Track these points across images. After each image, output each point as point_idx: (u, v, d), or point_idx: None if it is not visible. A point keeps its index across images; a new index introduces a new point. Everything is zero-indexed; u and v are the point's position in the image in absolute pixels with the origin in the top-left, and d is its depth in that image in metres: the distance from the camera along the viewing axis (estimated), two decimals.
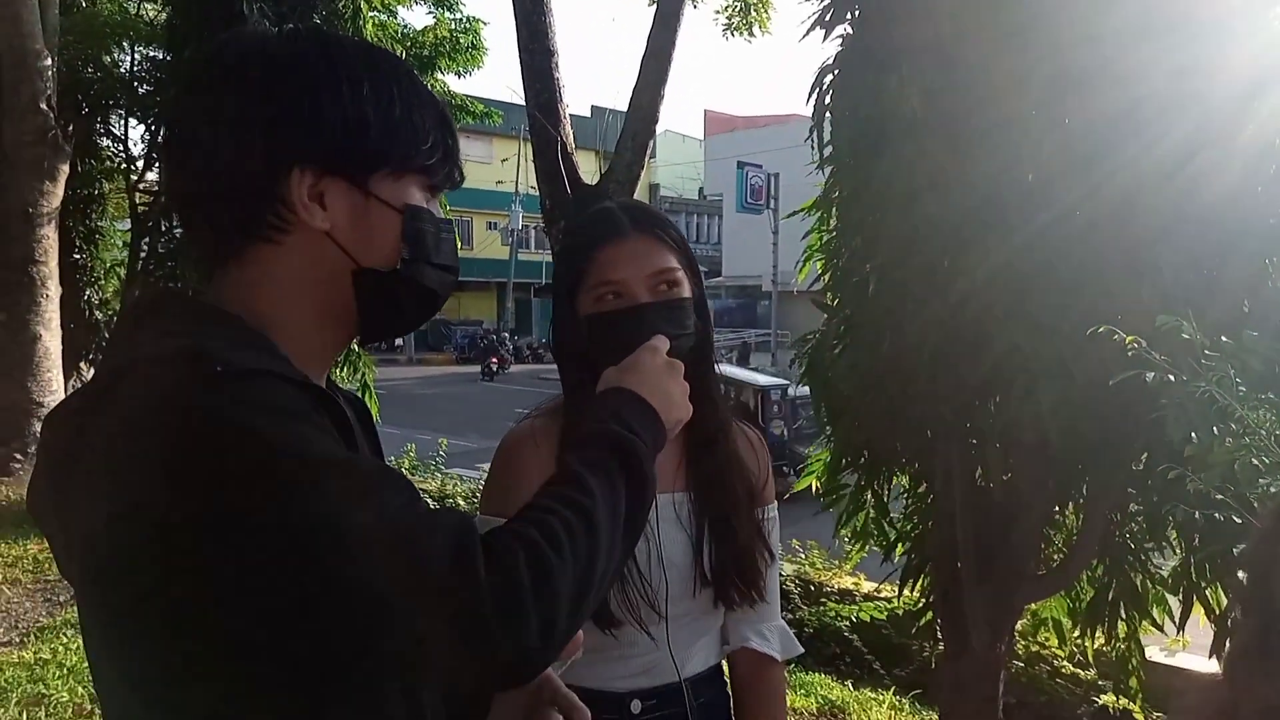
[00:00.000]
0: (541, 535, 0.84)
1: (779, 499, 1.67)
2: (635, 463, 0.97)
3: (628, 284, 1.42)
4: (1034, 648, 4.40)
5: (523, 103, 4.88)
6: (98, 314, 11.21)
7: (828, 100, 2.63)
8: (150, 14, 11.14)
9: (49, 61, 8.27)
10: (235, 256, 0.95)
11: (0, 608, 5.41)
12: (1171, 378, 1.72)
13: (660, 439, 1.05)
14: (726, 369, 11.67)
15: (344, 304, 0.98)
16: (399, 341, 33.75)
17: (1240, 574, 1.71)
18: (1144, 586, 2.70)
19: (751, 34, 7.62)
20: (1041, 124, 2.27)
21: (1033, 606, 3.28)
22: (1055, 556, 2.99)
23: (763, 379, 12.70)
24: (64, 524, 0.87)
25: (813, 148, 2.78)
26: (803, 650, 1.72)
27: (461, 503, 7.37)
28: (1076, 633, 3.19)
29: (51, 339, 8.39)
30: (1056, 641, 3.51)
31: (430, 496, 7.48)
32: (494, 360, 29.07)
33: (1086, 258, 2.23)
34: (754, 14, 7.54)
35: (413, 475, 8.70)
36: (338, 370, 7.62)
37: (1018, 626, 3.24)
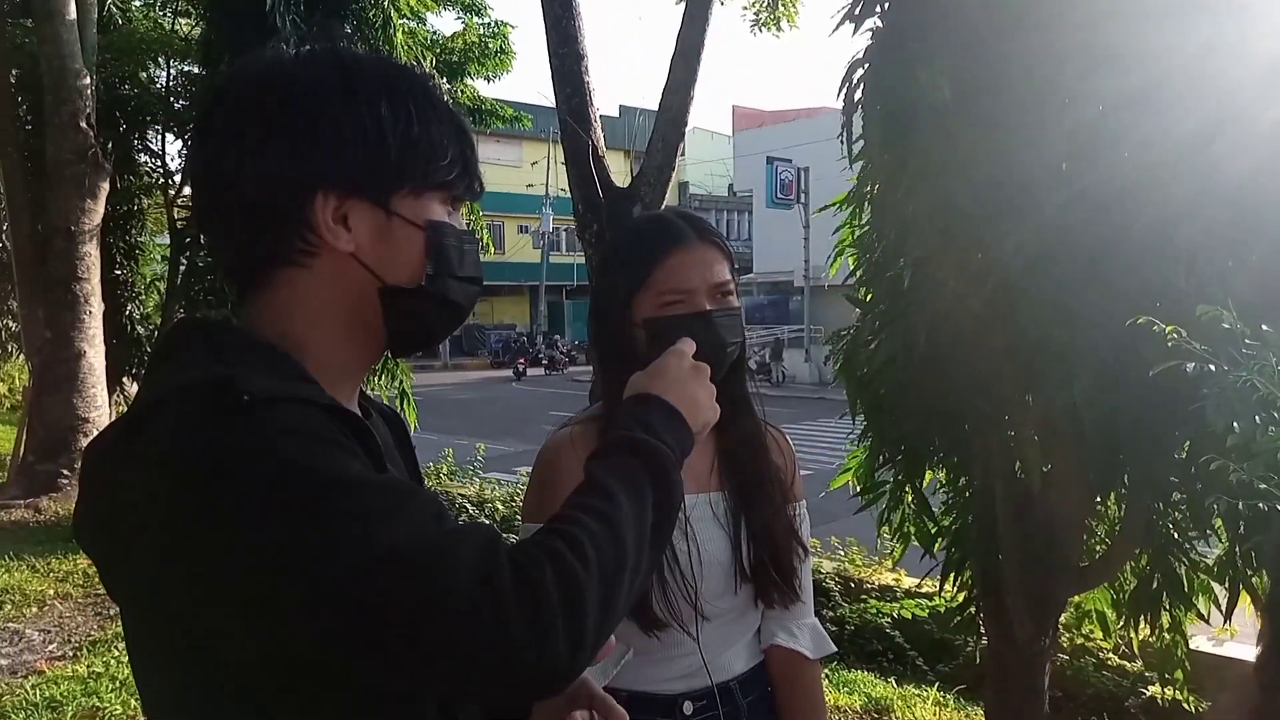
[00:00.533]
0: (567, 547, 0.85)
1: None
2: (662, 470, 0.98)
3: (695, 293, 1.45)
4: (1079, 640, 4.36)
5: (551, 105, 4.91)
6: (139, 329, 11.45)
7: (858, 95, 2.63)
8: (185, 29, 11.33)
9: (87, 80, 8.42)
10: (263, 281, 0.98)
11: (53, 622, 5.52)
12: (1212, 367, 1.71)
13: (688, 444, 1.05)
14: None
15: (373, 321, 1.00)
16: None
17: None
18: (1188, 576, 2.68)
19: (779, 29, 7.60)
20: (1074, 101, 2.27)
21: (1076, 598, 3.26)
22: (1098, 548, 2.97)
23: None
24: (107, 554, 0.90)
25: (841, 142, 2.78)
26: (836, 649, 1.73)
27: (500, 506, 7.41)
28: (1121, 624, 3.17)
29: (95, 355, 8.54)
30: (1101, 633, 3.48)
31: (469, 501, 7.53)
32: (522, 361, 30.11)
33: (1116, 240, 2.22)
34: (781, 9, 7.52)
35: (451, 480, 8.77)
36: (375, 379, 7.71)
37: (1061, 619, 3.22)
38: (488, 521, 7.03)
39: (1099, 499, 2.81)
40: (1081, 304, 2.19)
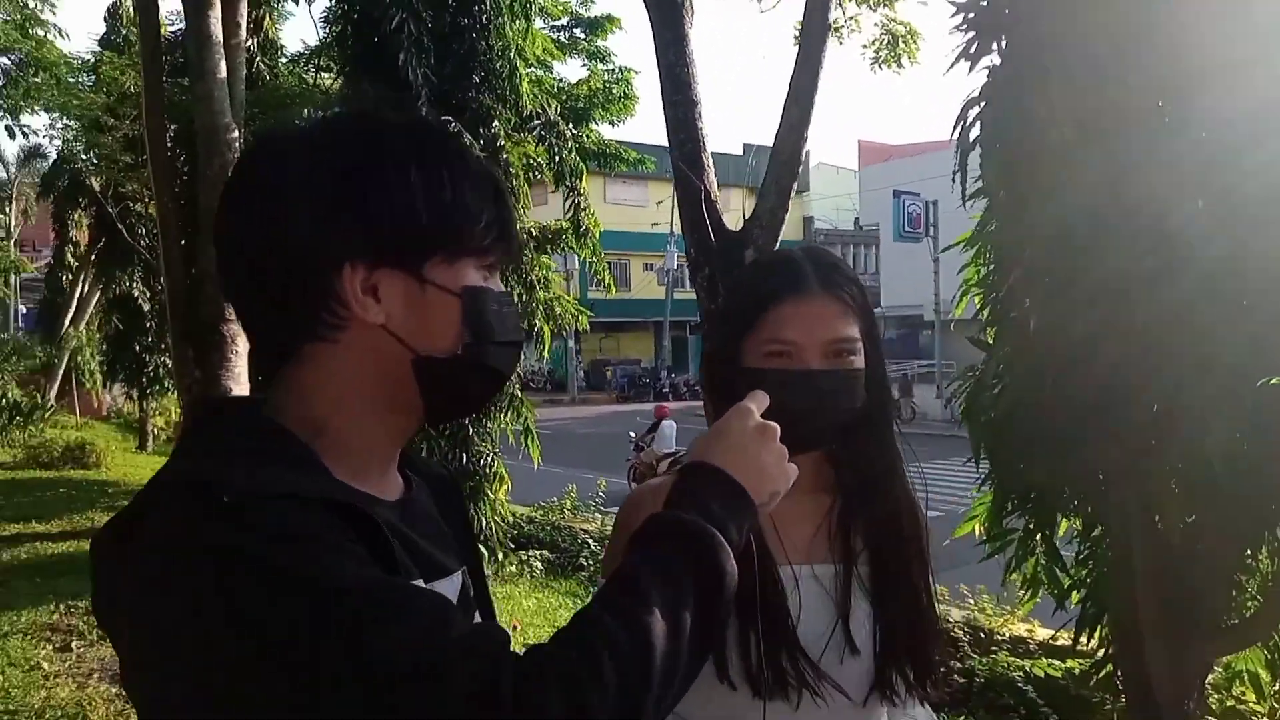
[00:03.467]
0: (582, 661, 0.78)
1: None
2: (708, 557, 0.88)
3: (801, 348, 1.30)
4: (1229, 702, 4.07)
5: None
6: None
7: (974, 134, 2.56)
8: (326, 83, 11.93)
9: (235, 134, 8.92)
10: (290, 355, 0.93)
11: None
12: None
13: (748, 519, 0.95)
14: None
15: (405, 393, 0.95)
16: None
17: None
18: None
19: (900, 65, 7.51)
20: (1190, 118, 2.18)
21: (1226, 658, 3.05)
22: (1249, 605, 2.77)
23: None
24: (114, 642, 0.88)
25: (954, 181, 2.72)
26: None
27: None
28: (1277, 687, 2.95)
29: (240, 392, 8.97)
30: (1254, 696, 3.24)
31: (591, 537, 7.58)
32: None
33: (1238, 259, 2.11)
34: (902, 45, 7.43)
35: (574, 515, 8.85)
36: (501, 416, 7.84)
37: (1209, 679, 3.02)
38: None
39: (1249, 552, 2.62)
40: (1213, 346, 2.06)
